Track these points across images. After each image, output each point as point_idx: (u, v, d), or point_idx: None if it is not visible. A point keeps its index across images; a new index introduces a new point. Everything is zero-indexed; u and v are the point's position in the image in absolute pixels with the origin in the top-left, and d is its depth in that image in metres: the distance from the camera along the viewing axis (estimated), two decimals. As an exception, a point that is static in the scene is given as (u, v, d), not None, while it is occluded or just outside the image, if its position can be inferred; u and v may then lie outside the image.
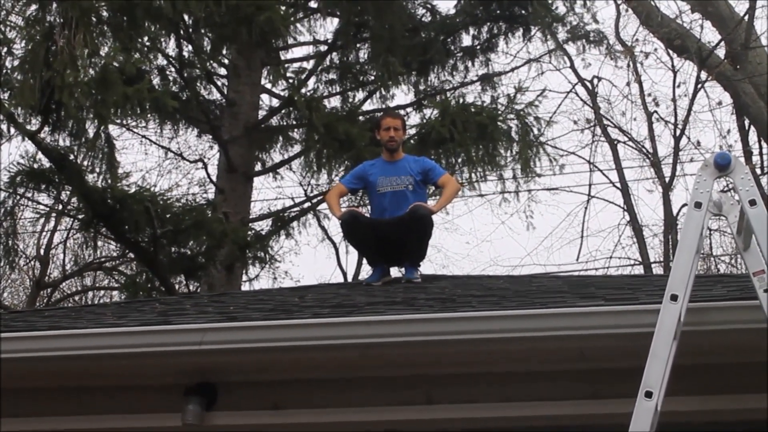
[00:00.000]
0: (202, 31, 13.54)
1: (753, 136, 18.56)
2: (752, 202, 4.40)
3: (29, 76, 11.17)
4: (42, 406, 5.29)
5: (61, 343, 5.13)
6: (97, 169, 12.81)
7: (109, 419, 5.29)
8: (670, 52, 19.12)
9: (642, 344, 4.22)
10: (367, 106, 15.29)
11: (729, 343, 4.66)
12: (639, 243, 20.39)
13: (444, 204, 7.98)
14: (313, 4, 15.11)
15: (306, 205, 15.97)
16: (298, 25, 14.89)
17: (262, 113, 14.78)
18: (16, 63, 11.64)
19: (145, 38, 12.94)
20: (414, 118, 14.78)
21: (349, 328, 4.94)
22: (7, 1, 12.12)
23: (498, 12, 14.90)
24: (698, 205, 4.54)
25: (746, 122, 18.47)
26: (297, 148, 15.36)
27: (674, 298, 4.29)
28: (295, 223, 15.73)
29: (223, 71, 15.05)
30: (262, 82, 14.78)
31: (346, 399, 5.12)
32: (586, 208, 21.24)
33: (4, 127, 12.18)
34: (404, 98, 16.51)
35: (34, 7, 11.81)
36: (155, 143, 17.26)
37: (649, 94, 20.03)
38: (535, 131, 14.03)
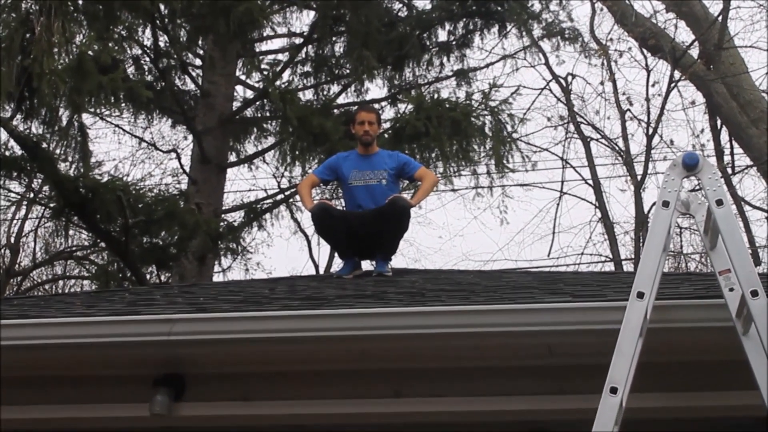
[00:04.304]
0: (179, 21, 13.49)
1: (725, 135, 18.73)
2: (719, 202, 4.44)
3: (6, 63, 11.08)
4: (6, 395, 5.25)
5: (28, 332, 5.10)
6: (70, 158, 12.76)
7: (76, 409, 5.25)
8: (645, 51, 19.24)
9: (609, 341, 4.23)
10: (342, 100, 15.33)
11: (694, 340, 4.70)
12: (610, 240, 20.50)
13: (423, 197, 7.93)
14: (289, -4, 15.10)
15: (279, 197, 15.95)
16: (275, 16, 14.89)
17: (236, 104, 14.78)
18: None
19: (121, 28, 12.87)
20: (388, 113, 14.83)
21: (317, 320, 4.95)
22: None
23: (474, 8, 14.96)
24: (666, 204, 4.57)
25: (718, 122, 18.61)
26: (271, 140, 15.36)
27: (641, 295, 4.32)
28: (267, 215, 15.73)
29: (198, 62, 15.03)
30: (237, 73, 14.77)
31: (315, 391, 5.12)
32: (558, 204, 21.36)
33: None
34: (379, 92, 16.55)
35: (10, -7, 11.74)
36: (129, 133, 17.27)
37: (623, 93, 20.13)
38: (509, 128, 14.12)
